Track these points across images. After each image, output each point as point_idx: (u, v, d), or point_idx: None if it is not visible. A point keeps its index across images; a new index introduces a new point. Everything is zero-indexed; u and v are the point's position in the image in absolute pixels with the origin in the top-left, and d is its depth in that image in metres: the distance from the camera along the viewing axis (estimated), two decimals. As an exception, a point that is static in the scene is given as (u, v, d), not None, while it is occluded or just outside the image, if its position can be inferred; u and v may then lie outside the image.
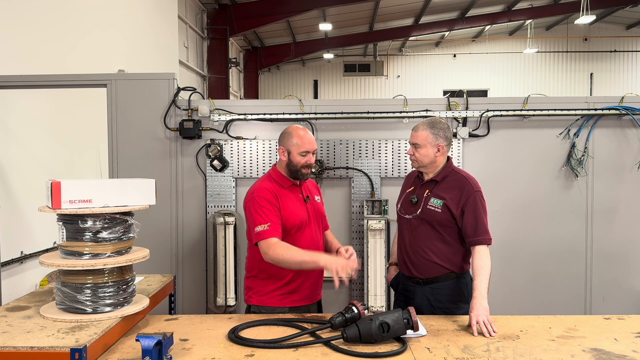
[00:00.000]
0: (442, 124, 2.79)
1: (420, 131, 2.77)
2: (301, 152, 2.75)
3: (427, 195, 2.80)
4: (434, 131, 2.75)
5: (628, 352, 2.17)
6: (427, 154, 2.77)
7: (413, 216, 2.82)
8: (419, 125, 2.81)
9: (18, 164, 4.88)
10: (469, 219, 2.69)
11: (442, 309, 2.73)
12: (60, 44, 5.72)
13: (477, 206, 2.71)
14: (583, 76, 20.48)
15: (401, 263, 2.94)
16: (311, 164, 2.80)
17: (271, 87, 20.78)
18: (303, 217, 2.80)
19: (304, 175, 2.80)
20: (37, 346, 1.94)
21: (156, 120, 3.93)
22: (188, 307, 3.97)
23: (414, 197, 2.85)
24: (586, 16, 13.81)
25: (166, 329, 2.41)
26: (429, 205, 2.77)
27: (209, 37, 13.12)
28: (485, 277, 2.57)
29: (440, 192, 2.77)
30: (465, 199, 2.71)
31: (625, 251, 3.98)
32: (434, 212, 2.75)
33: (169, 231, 3.97)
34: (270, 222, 2.65)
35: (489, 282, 2.58)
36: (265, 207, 2.69)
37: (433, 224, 2.76)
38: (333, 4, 13.16)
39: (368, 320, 2.23)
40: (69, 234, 2.28)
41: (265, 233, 2.65)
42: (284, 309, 2.75)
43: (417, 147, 2.78)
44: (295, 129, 2.81)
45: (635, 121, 3.91)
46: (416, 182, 2.94)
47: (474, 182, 2.79)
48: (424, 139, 2.76)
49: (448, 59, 20.77)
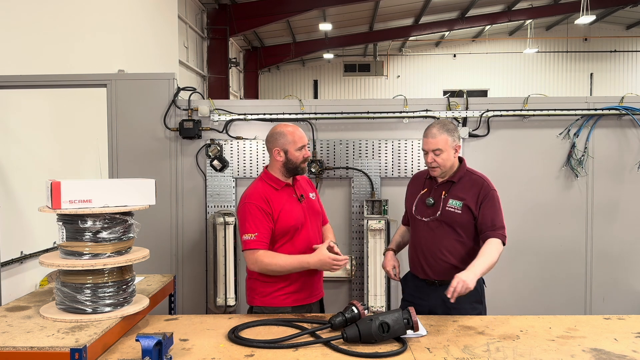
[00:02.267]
0: (453, 124, 2.77)
1: (439, 136, 2.70)
2: (298, 147, 2.77)
3: (444, 196, 2.77)
4: (451, 133, 2.72)
5: (628, 352, 2.17)
6: (449, 158, 2.73)
7: (431, 219, 2.79)
8: (433, 130, 2.72)
9: (18, 164, 4.88)
10: (488, 212, 2.70)
11: (458, 310, 2.67)
12: (60, 44, 5.72)
13: (495, 203, 2.73)
14: (583, 76, 20.49)
15: (415, 265, 2.90)
16: (309, 157, 2.84)
17: (271, 87, 20.79)
18: (299, 218, 2.79)
19: (303, 169, 2.83)
20: (37, 346, 1.94)
21: (156, 120, 3.93)
22: (188, 307, 3.97)
23: (430, 200, 2.81)
24: (586, 16, 13.81)
25: (166, 329, 2.40)
26: (448, 207, 2.74)
27: (209, 37, 13.12)
28: (487, 263, 2.54)
29: (458, 192, 2.75)
30: (484, 196, 2.72)
31: (625, 251, 3.98)
32: (453, 214, 2.74)
33: (169, 231, 3.97)
34: (258, 232, 2.67)
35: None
36: (255, 216, 2.69)
37: (453, 226, 2.75)
38: (333, 4, 13.16)
39: (368, 320, 2.23)
40: (68, 234, 2.28)
41: (250, 243, 2.67)
42: (287, 308, 2.75)
43: (438, 152, 2.71)
44: (284, 127, 2.81)
45: (635, 121, 3.91)
46: (429, 184, 2.89)
47: (490, 181, 2.80)
48: (445, 142, 2.70)
49: (448, 59, 20.77)
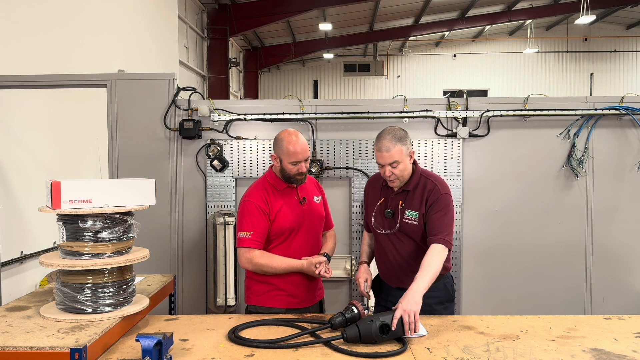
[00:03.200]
0: (402, 131, 2.67)
1: (393, 148, 2.59)
2: (291, 162, 2.72)
3: (401, 207, 2.70)
4: (403, 142, 2.62)
5: (628, 352, 2.17)
6: (406, 167, 2.65)
7: (392, 231, 2.73)
8: (386, 143, 2.60)
9: (18, 164, 4.88)
10: (433, 217, 2.61)
11: (430, 312, 2.65)
12: (60, 45, 5.72)
13: (442, 207, 2.62)
14: (583, 76, 20.49)
15: (388, 275, 2.84)
16: (303, 172, 2.76)
17: (271, 87, 20.79)
18: (295, 221, 2.78)
19: (298, 180, 2.79)
20: (37, 346, 1.94)
21: (156, 120, 3.93)
22: (188, 307, 3.97)
23: (389, 212, 2.74)
24: (586, 16, 13.81)
25: (166, 329, 2.41)
26: (405, 219, 2.68)
27: (209, 37, 13.12)
28: (429, 275, 2.44)
29: (414, 201, 2.68)
30: (432, 201, 2.63)
31: (625, 251, 3.98)
32: (411, 225, 2.67)
33: (169, 231, 3.97)
34: (254, 231, 2.69)
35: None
36: (252, 214, 2.71)
37: (412, 236, 2.69)
38: (333, 4, 13.16)
39: (369, 320, 2.23)
40: (68, 234, 2.28)
41: (245, 241, 2.70)
42: (281, 309, 2.76)
43: (395, 165, 2.61)
44: (286, 136, 2.73)
45: (635, 121, 3.91)
46: (386, 193, 2.80)
47: (443, 184, 2.71)
48: (400, 153, 2.60)
49: (448, 59, 20.77)
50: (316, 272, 2.70)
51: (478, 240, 3.96)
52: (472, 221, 3.93)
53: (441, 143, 3.94)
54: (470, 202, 3.92)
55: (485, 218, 3.96)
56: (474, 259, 3.96)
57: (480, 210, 3.96)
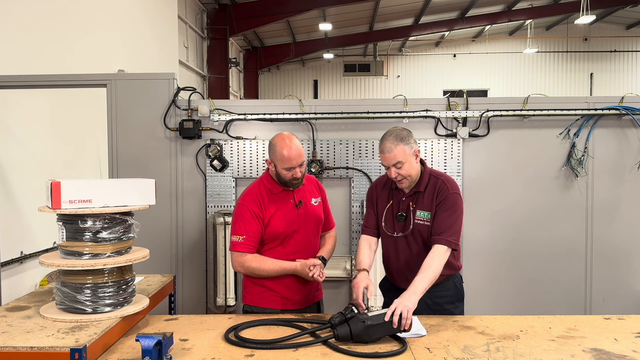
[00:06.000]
0: (405, 131, 2.64)
1: (395, 149, 2.56)
2: (285, 168, 2.69)
3: (412, 208, 2.68)
4: (405, 141, 2.59)
5: (628, 352, 2.17)
6: (412, 167, 2.61)
7: (404, 234, 2.71)
8: (387, 144, 2.58)
9: (18, 164, 4.88)
10: (440, 216, 2.59)
11: (441, 311, 2.69)
12: (60, 45, 5.72)
13: (450, 207, 2.60)
14: (583, 76, 20.48)
15: (399, 278, 2.80)
16: (298, 177, 2.72)
17: (271, 87, 20.78)
18: (290, 225, 2.76)
19: (293, 185, 2.76)
20: (37, 346, 1.94)
21: (156, 120, 3.94)
22: (188, 307, 3.97)
23: (401, 215, 2.70)
24: (586, 16, 13.80)
25: (166, 329, 2.40)
26: (417, 220, 2.66)
27: (209, 37, 13.12)
28: (429, 277, 2.43)
29: (425, 201, 2.66)
30: (442, 199, 2.61)
31: (625, 251, 3.98)
32: (423, 226, 2.65)
33: (169, 231, 3.97)
34: (246, 235, 2.69)
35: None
36: (245, 218, 2.70)
37: (424, 237, 2.66)
38: (333, 4, 13.15)
39: (360, 321, 2.22)
40: (68, 234, 2.28)
41: (238, 245, 2.69)
42: (276, 310, 2.75)
43: (399, 165, 2.58)
44: (280, 141, 2.68)
45: (635, 121, 3.91)
46: (395, 195, 2.76)
47: (453, 184, 2.68)
48: (403, 153, 2.56)
49: (448, 59, 20.77)
50: (310, 275, 2.66)
51: (478, 240, 3.96)
52: (472, 221, 3.93)
53: (441, 143, 3.94)
54: (470, 202, 3.92)
55: (485, 218, 3.97)
56: (474, 258, 3.96)
57: (480, 210, 3.96)
